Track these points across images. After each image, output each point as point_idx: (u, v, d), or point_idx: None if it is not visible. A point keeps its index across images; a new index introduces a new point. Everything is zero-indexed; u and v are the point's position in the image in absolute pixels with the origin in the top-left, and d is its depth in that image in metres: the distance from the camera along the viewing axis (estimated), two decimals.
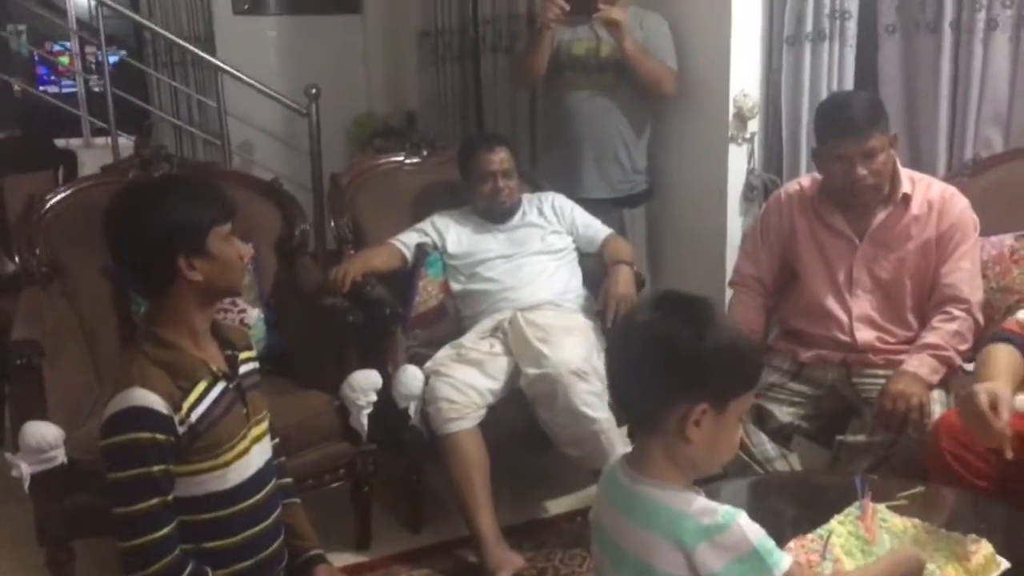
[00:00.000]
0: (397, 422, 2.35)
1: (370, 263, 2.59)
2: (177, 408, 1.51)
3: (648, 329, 1.12)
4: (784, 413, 2.26)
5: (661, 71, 3.03)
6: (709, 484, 1.63)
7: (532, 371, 2.36)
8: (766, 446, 2.21)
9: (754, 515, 1.73)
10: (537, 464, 2.69)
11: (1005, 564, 1.36)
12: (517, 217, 2.77)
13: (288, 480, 1.82)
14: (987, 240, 2.34)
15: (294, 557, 1.76)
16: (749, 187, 3.08)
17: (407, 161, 3.02)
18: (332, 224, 2.80)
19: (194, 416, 1.53)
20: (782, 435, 2.27)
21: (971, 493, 1.68)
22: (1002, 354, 1.76)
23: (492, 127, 3.91)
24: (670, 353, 1.09)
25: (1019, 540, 1.43)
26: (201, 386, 1.56)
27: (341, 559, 2.26)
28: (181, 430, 1.51)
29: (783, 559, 1.08)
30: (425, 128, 4.28)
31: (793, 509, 1.60)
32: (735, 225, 3.07)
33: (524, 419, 2.38)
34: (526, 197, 2.83)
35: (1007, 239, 2.36)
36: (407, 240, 2.70)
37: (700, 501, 1.10)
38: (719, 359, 1.08)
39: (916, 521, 1.44)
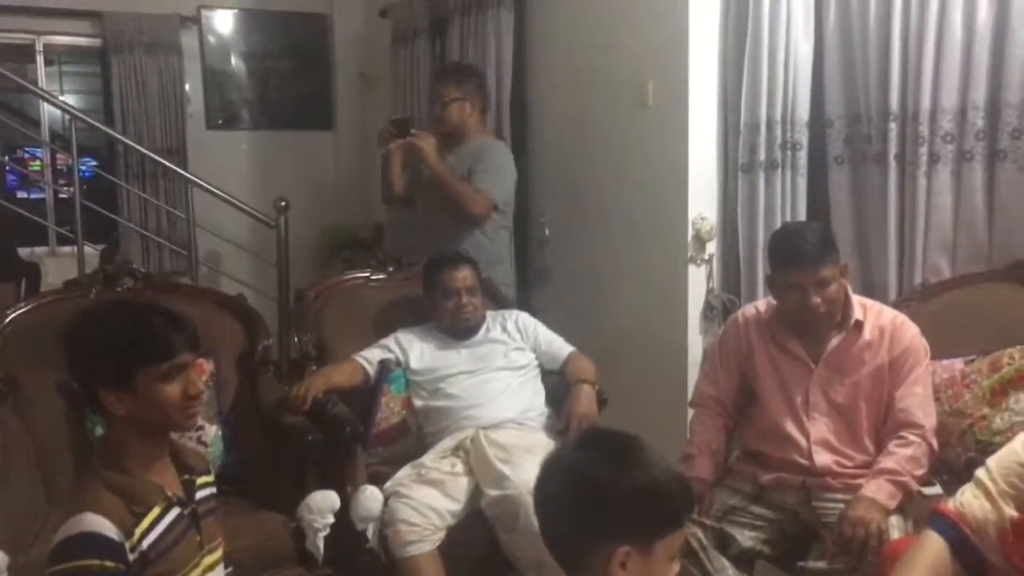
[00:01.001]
0: (354, 545, 2.30)
1: (332, 380, 2.59)
2: (129, 534, 1.48)
3: (569, 468, 1.11)
4: (746, 537, 2.24)
5: (465, 194, 3.16)
6: None
7: (493, 492, 2.34)
8: (728, 572, 2.18)
9: None
10: None
11: None
12: (481, 333, 2.80)
13: None
14: (939, 364, 2.40)
15: None
16: (708, 307, 3.15)
17: (373, 277, 3.06)
18: (296, 340, 2.80)
19: (146, 543, 1.50)
20: (744, 560, 2.25)
21: None
22: (927, 558, 1.61)
23: None
24: (589, 493, 1.07)
25: None
26: (155, 512, 1.53)
27: None
28: (132, 557, 1.47)
29: None
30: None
31: None
32: (696, 343, 3.12)
33: (485, 541, 2.34)
34: (490, 314, 2.87)
35: (957, 363, 2.43)
36: (370, 356, 2.71)
37: None
38: (638, 500, 1.06)
39: None
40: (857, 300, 2.32)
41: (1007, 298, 2.51)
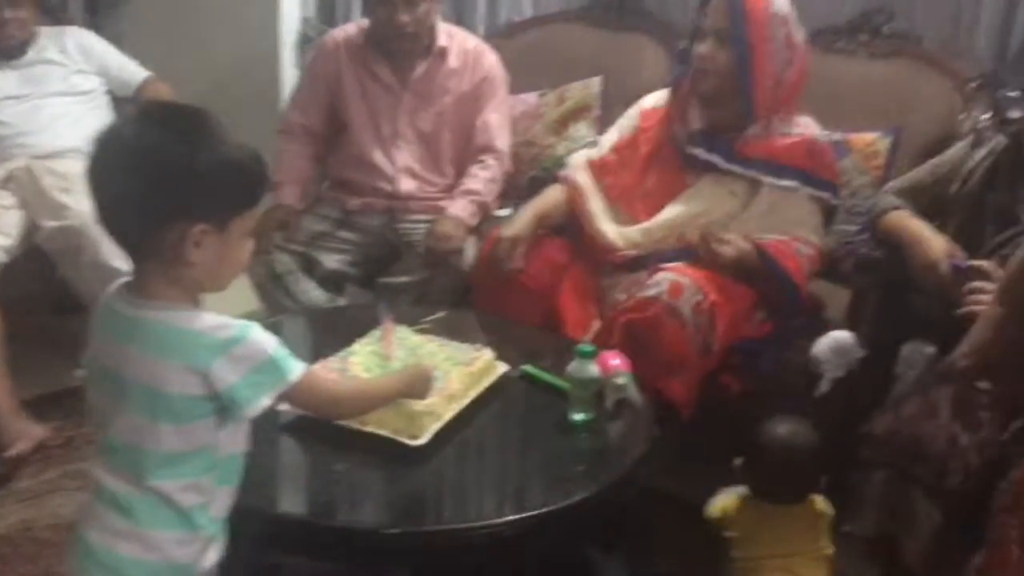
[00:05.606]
0: None
1: None
2: None
3: (133, 146, 1.00)
4: (332, 260, 2.29)
5: None
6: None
7: (51, 224, 2.13)
8: (312, 293, 2.23)
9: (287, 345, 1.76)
10: (65, 327, 2.43)
11: (504, 367, 1.53)
12: (32, 53, 2.45)
13: None
14: (516, 98, 2.54)
15: None
16: (304, 37, 2.99)
17: None
18: None
19: None
20: (332, 282, 2.31)
21: (490, 316, 1.87)
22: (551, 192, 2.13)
23: None
24: (159, 170, 0.98)
25: (514, 348, 1.62)
26: None
27: None
28: None
29: (298, 366, 1.08)
30: None
31: (325, 339, 1.64)
32: (290, 76, 2.97)
33: (45, 278, 2.13)
34: (44, 31, 2.50)
35: (532, 97, 2.58)
36: None
37: (211, 318, 1.04)
38: (215, 176, 1.00)
39: (431, 337, 1.56)
40: (443, 28, 2.34)
41: (576, 37, 2.68)
